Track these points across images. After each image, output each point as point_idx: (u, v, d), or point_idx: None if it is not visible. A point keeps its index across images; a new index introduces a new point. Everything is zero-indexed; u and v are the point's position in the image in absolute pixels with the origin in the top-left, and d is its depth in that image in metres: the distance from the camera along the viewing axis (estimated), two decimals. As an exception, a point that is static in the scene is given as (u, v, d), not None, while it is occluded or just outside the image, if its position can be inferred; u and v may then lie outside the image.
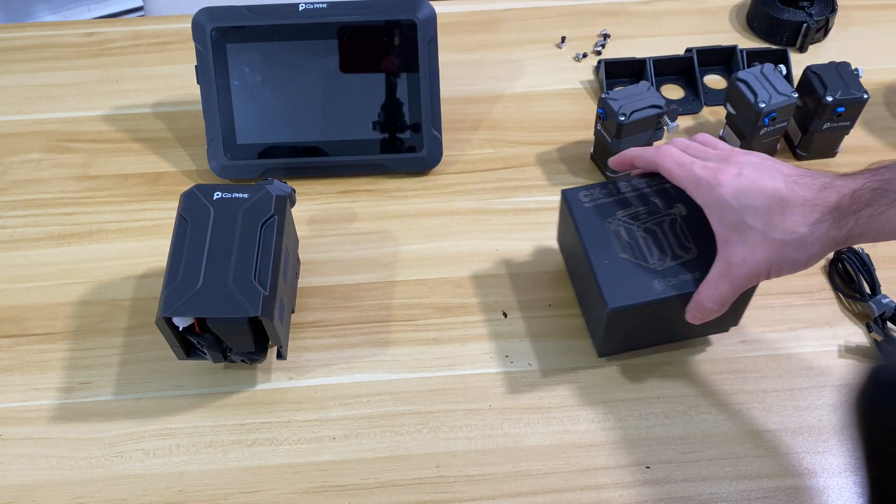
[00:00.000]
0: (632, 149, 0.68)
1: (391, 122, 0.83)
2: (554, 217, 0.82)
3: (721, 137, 0.87)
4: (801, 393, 0.67)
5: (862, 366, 0.70)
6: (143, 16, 1.31)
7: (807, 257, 0.57)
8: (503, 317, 0.74)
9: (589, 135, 0.86)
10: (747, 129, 0.81)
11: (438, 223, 0.82)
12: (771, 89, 0.79)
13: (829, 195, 0.56)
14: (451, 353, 0.72)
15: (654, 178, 0.68)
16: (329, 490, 0.64)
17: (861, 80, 0.81)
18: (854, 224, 0.55)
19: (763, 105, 0.78)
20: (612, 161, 0.70)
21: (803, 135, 0.84)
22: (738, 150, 0.63)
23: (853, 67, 0.82)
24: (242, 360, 0.67)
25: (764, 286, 0.67)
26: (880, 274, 0.73)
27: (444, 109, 0.86)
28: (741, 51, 0.94)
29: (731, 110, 0.82)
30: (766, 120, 0.79)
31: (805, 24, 0.95)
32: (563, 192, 0.69)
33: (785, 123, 0.81)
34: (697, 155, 0.63)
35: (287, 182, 0.71)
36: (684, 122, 0.90)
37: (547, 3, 1.04)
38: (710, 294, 0.61)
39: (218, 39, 0.80)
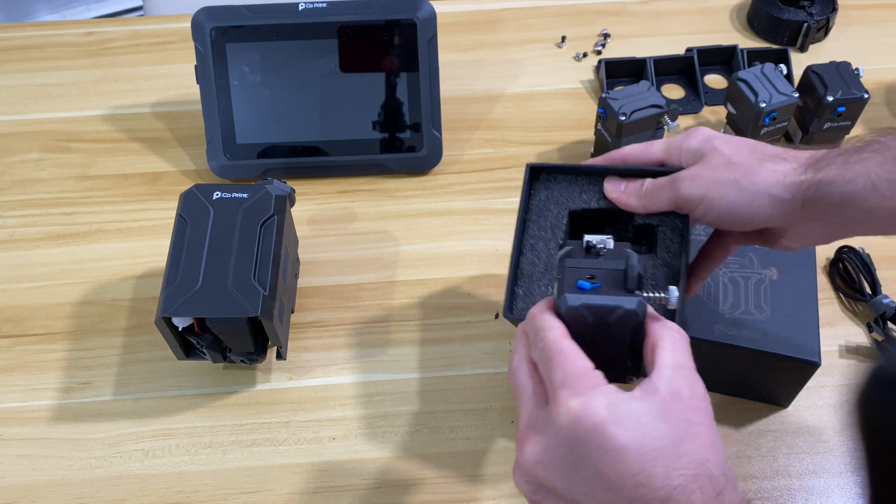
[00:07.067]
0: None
1: (391, 122, 0.83)
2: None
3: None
4: (801, 393, 0.67)
5: (862, 366, 0.70)
6: (142, 15, 1.31)
7: (756, 191, 0.50)
8: (495, 318, 0.74)
9: (589, 135, 0.86)
10: (748, 129, 0.81)
11: (438, 223, 0.81)
12: (771, 89, 0.79)
13: (804, 152, 0.52)
14: (451, 353, 0.72)
15: None
16: (329, 490, 0.64)
17: (861, 79, 0.81)
18: (825, 168, 0.48)
19: (764, 104, 0.78)
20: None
21: (804, 134, 0.84)
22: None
23: (854, 67, 0.81)
24: (242, 361, 0.67)
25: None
26: (881, 274, 0.73)
27: (444, 109, 0.85)
28: (742, 50, 0.93)
29: (732, 110, 0.82)
30: (767, 119, 0.79)
31: (806, 24, 0.95)
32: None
33: (785, 123, 0.81)
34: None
35: (287, 182, 0.71)
36: (685, 121, 0.90)
37: (547, 2, 1.03)
38: (648, 184, 0.55)
39: (217, 39, 0.80)
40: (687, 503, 0.39)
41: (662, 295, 0.45)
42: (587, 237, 0.51)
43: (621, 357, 0.47)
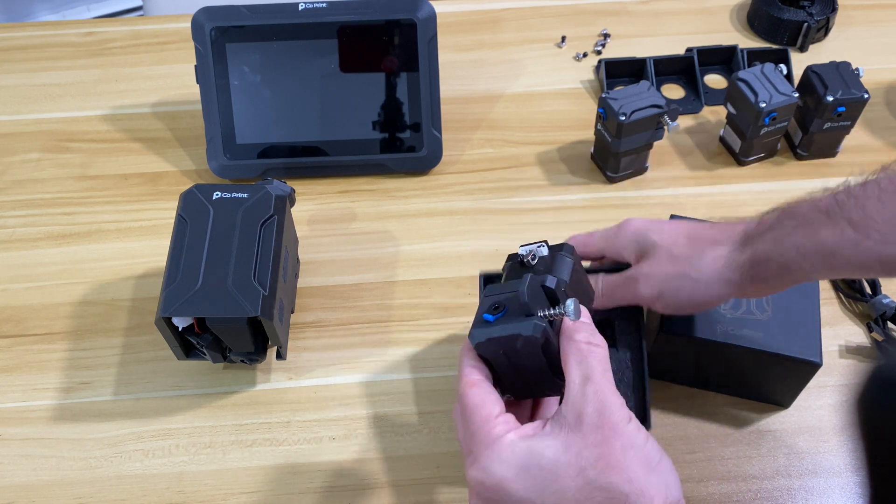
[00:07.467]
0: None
1: (391, 122, 0.83)
2: (554, 216, 0.82)
3: (721, 137, 0.87)
4: (801, 393, 0.67)
5: (862, 366, 0.70)
6: (142, 15, 1.31)
7: (707, 280, 0.55)
8: None
9: (589, 135, 0.86)
10: (748, 129, 0.81)
11: (438, 223, 0.81)
12: (771, 89, 0.79)
13: (737, 226, 0.56)
14: (451, 353, 0.72)
15: None
16: (329, 490, 0.64)
17: (861, 79, 0.81)
18: (759, 246, 0.53)
19: (764, 105, 0.78)
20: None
21: (804, 134, 0.84)
22: None
23: (854, 67, 0.81)
24: (242, 361, 0.67)
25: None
26: (881, 274, 0.73)
27: (444, 109, 0.85)
28: (742, 50, 0.93)
29: (732, 110, 0.82)
30: (767, 119, 0.79)
31: (806, 24, 0.95)
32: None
33: (785, 123, 0.81)
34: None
35: (287, 182, 0.71)
36: (685, 121, 0.90)
37: (547, 2, 1.03)
38: (604, 285, 0.61)
39: (217, 39, 0.80)
40: None
41: (559, 311, 0.46)
42: (520, 250, 0.51)
43: (545, 375, 0.48)
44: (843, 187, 0.52)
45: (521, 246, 0.51)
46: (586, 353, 0.45)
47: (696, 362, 0.66)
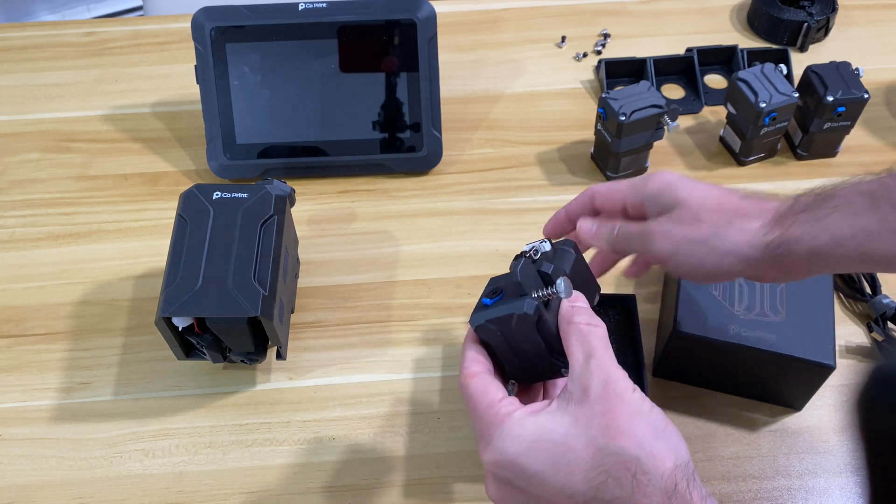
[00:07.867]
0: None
1: (391, 122, 0.83)
2: (554, 217, 0.82)
3: (721, 137, 0.87)
4: (801, 393, 0.67)
5: (862, 366, 0.70)
6: (142, 15, 1.31)
7: (724, 252, 0.52)
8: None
9: (589, 135, 0.86)
10: (748, 129, 0.81)
11: (438, 223, 0.81)
12: (771, 89, 0.79)
13: (770, 202, 0.53)
14: (450, 353, 0.72)
15: None
16: (329, 490, 0.64)
17: (861, 79, 0.81)
18: (790, 227, 0.50)
19: (764, 105, 0.78)
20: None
21: (804, 134, 0.84)
22: None
23: (854, 67, 0.81)
24: (242, 361, 0.67)
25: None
26: (880, 274, 0.73)
27: (444, 109, 0.85)
28: (742, 50, 0.93)
29: (732, 110, 0.82)
30: (767, 119, 0.79)
31: (806, 24, 0.95)
32: None
33: (785, 123, 0.81)
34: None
35: (287, 182, 0.71)
36: (685, 121, 0.90)
37: (547, 2, 1.03)
38: (620, 228, 0.57)
39: (217, 39, 0.80)
40: (610, 496, 0.42)
41: (552, 290, 0.48)
42: (524, 246, 0.53)
43: (543, 356, 0.49)
44: (887, 172, 0.48)
45: (527, 244, 0.52)
46: (587, 333, 0.46)
47: (708, 363, 0.66)
